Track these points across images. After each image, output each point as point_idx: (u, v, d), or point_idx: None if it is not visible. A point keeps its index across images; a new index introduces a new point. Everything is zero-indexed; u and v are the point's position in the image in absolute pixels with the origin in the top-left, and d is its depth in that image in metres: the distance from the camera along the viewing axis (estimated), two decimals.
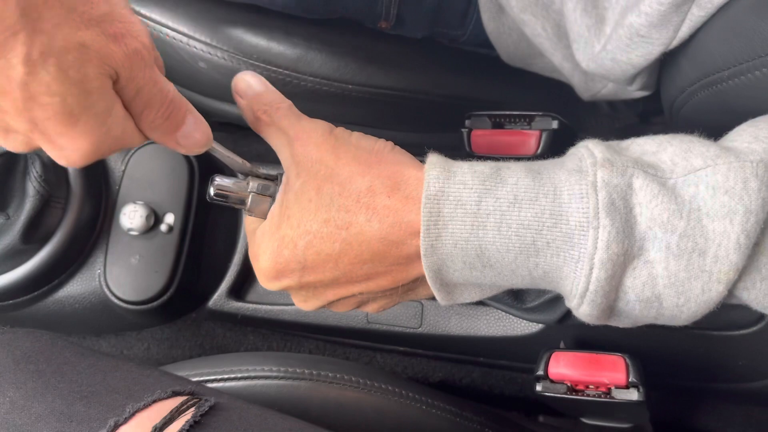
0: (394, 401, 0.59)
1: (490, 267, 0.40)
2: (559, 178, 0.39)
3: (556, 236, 0.38)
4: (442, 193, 0.39)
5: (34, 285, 0.68)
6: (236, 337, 0.78)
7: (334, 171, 0.41)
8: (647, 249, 0.37)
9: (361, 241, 0.41)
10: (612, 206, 0.37)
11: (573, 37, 0.55)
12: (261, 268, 0.43)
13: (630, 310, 0.40)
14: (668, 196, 0.37)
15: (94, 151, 0.36)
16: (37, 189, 0.63)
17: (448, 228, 0.39)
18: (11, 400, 0.42)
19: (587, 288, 0.38)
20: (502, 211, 0.38)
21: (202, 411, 0.43)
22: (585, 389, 0.56)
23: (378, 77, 0.71)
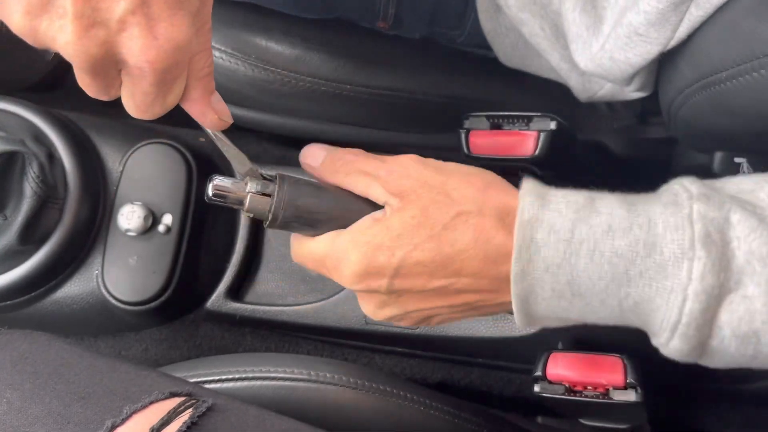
0: (392, 402, 0.58)
1: (580, 296, 0.40)
2: (654, 210, 0.39)
3: (650, 266, 0.38)
4: (536, 219, 0.39)
5: (32, 286, 0.68)
6: (234, 338, 0.78)
7: (441, 194, 0.41)
8: (745, 283, 0.37)
9: (463, 258, 0.41)
10: (708, 238, 0.37)
11: (571, 38, 0.55)
12: (350, 269, 0.42)
13: (725, 348, 0.39)
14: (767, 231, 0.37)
15: (182, 47, 0.36)
16: (35, 190, 0.63)
17: (540, 253, 0.39)
18: (8, 402, 0.42)
19: (679, 320, 0.38)
20: (596, 240, 0.39)
21: (200, 412, 0.43)
22: (583, 390, 0.56)
23: (376, 78, 0.71)
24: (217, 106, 0.41)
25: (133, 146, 0.72)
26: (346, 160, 0.44)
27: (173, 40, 0.35)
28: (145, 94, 0.38)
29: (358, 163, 0.44)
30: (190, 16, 0.36)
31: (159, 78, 0.36)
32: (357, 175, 0.43)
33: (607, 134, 0.79)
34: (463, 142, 0.62)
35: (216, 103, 0.41)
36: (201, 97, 0.40)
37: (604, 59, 0.53)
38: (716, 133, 0.59)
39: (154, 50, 0.35)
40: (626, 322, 0.41)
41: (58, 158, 0.67)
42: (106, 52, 0.35)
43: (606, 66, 0.53)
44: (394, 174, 0.43)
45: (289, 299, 0.74)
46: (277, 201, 0.43)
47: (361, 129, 0.77)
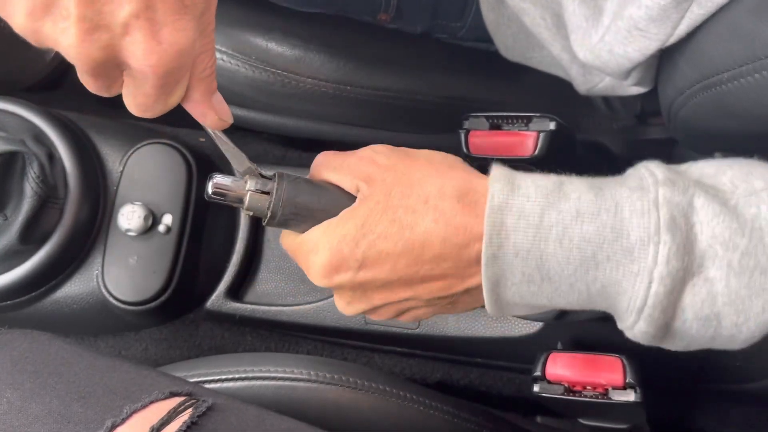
0: (392, 402, 0.59)
1: (549, 280, 0.41)
2: (620, 194, 0.40)
3: (617, 250, 0.39)
4: (505, 204, 0.40)
5: (32, 286, 0.68)
6: (234, 338, 0.78)
7: (405, 176, 0.42)
8: (707, 267, 0.38)
9: (424, 241, 0.41)
10: (673, 223, 0.38)
11: (571, 28, 0.56)
12: (317, 262, 0.43)
13: (687, 330, 0.40)
14: (730, 216, 0.38)
15: (186, 51, 0.36)
16: (35, 190, 0.63)
17: (510, 239, 0.40)
18: (8, 401, 0.42)
19: (645, 302, 0.39)
20: (565, 225, 0.39)
21: (200, 412, 0.43)
22: (582, 390, 0.56)
23: (376, 78, 0.71)
24: (218, 107, 0.42)
25: (134, 146, 0.72)
26: (326, 156, 0.46)
27: (177, 44, 0.35)
28: (146, 96, 0.38)
29: (333, 159, 0.45)
30: (194, 20, 0.36)
31: (161, 81, 0.37)
32: (330, 171, 0.45)
33: (606, 134, 0.79)
34: (463, 142, 0.62)
35: (217, 103, 0.42)
36: (202, 98, 0.41)
37: (602, 52, 0.53)
38: (716, 134, 0.59)
39: (157, 55, 0.35)
40: (593, 306, 0.42)
41: (58, 158, 0.67)
42: (108, 56, 0.35)
43: (604, 58, 0.53)
44: (363, 161, 0.44)
45: (289, 299, 0.74)
46: (276, 199, 0.43)
47: (361, 129, 0.77)
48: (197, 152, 0.75)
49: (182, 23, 0.35)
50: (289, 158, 0.89)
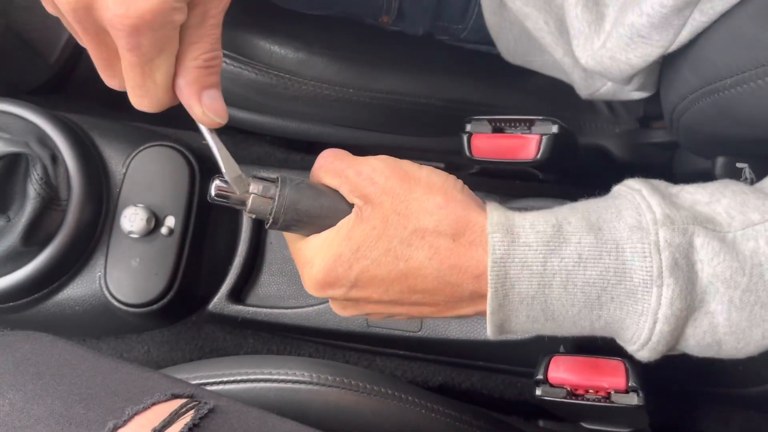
0: (393, 405, 0.59)
1: (553, 320, 0.42)
2: (620, 235, 0.40)
3: (620, 292, 0.40)
4: (507, 256, 0.40)
5: (35, 287, 0.68)
6: (236, 340, 0.78)
7: (402, 204, 0.42)
8: (708, 301, 0.39)
9: (417, 275, 0.42)
10: (675, 266, 0.39)
11: (573, 33, 0.56)
12: (312, 276, 0.44)
13: (688, 351, 0.42)
14: (729, 254, 0.39)
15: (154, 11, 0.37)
16: (38, 191, 0.63)
17: (515, 288, 0.40)
18: (11, 403, 0.42)
19: (650, 339, 0.40)
20: (568, 271, 0.40)
21: (201, 414, 0.43)
22: (585, 393, 0.56)
23: (379, 81, 0.71)
24: (210, 103, 0.42)
25: (136, 148, 0.72)
26: (326, 158, 0.45)
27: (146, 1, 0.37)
28: (132, 66, 0.39)
29: (334, 162, 0.45)
30: None
31: (133, 41, 0.38)
32: (330, 175, 0.44)
33: (608, 138, 0.79)
34: (465, 145, 0.62)
35: (209, 99, 0.42)
36: (189, 88, 0.41)
37: (604, 58, 0.53)
38: (719, 138, 0.59)
39: (125, 6, 0.37)
40: (595, 335, 0.43)
41: (61, 160, 0.67)
42: (87, 5, 0.37)
43: (606, 64, 0.54)
44: (361, 176, 0.43)
45: (291, 302, 0.74)
46: (279, 204, 0.43)
47: (363, 132, 0.77)
48: (200, 155, 0.75)
49: None
50: (292, 161, 0.89)
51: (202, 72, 0.42)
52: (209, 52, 0.41)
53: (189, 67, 0.41)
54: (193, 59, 0.41)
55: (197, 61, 0.41)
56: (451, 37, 0.73)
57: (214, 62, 0.42)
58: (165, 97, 0.42)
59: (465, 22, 0.71)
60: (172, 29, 0.39)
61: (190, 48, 0.41)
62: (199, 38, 0.41)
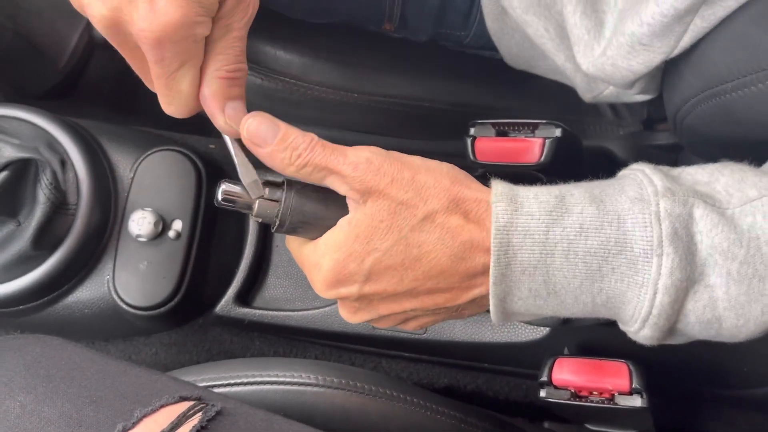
0: (398, 407, 0.59)
1: (555, 294, 0.42)
2: (622, 206, 0.40)
3: (621, 262, 0.40)
4: (510, 224, 0.41)
5: (45, 290, 0.69)
6: (243, 343, 0.79)
7: (406, 195, 0.42)
8: (708, 274, 0.39)
9: (431, 258, 0.42)
10: (675, 235, 0.39)
11: (573, 40, 0.56)
12: (322, 275, 0.44)
13: (689, 331, 0.42)
14: (728, 226, 0.39)
15: (177, 25, 0.39)
16: (48, 196, 0.64)
17: (517, 257, 0.41)
18: (21, 405, 0.43)
19: (650, 312, 0.40)
20: (570, 240, 0.40)
21: (209, 416, 0.43)
22: (589, 395, 0.56)
23: (383, 85, 0.71)
24: (234, 114, 0.44)
25: (144, 153, 0.73)
26: (300, 150, 0.42)
27: (168, 15, 0.39)
28: (158, 76, 0.41)
29: (315, 157, 0.42)
30: (195, 4, 0.39)
31: (157, 54, 0.40)
32: (317, 172, 0.43)
33: (612, 140, 0.80)
34: (469, 149, 0.63)
35: (232, 110, 0.44)
36: (211, 97, 0.43)
37: (606, 65, 0.54)
38: (722, 141, 0.59)
39: (149, 21, 0.39)
40: (596, 315, 0.43)
41: (70, 165, 0.68)
42: (116, 17, 0.39)
43: (608, 71, 0.54)
44: (359, 169, 0.42)
45: (297, 304, 0.74)
46: (285, 207, 0.44)
47: (367, 135, 0.77)
48: (207, 159, 0.75)
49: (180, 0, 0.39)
50: None
51: (225, 83, 0.43)
52: (232, 64, 0.43)
53: (212, 78, 0.43)
54: (216, 70, 0.43)
55: (220, 72, 0.43)
56: (455, 44, 0.73)
57: (237, 74, 0.43)
58: (191, 104, 0.44)
59: (467, 29, 0.71)
60: (194, 42, 0.41)
61: (214, 59, 0.42)
62: (222, 50, 0.42)
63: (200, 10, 0.40)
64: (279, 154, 0.42)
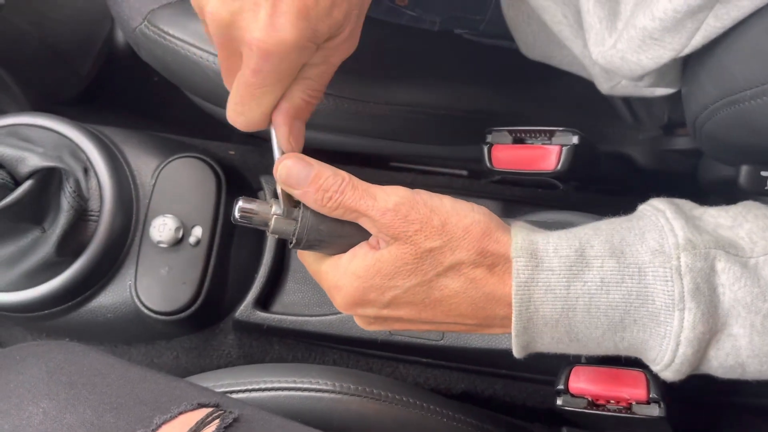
0: (415, 413, 0.59)
1: (577, 341, 0.43)
2: (642, 259, 0.41)
3: (643, 315, 0.41)
4: (531, 280, 0.41)
5: (69, 296, 0.70)
6: (262, 347, 0.80)
7: (434, 243, 0.42)
8: (731, 324, 0.40)
9: (451, 303, 0.43)
10: (697, 290, 0.39)
11: (586, 27, 0.55)
12: (342, 296, 0.45)
13: (713, 373, 0.43)
14: (751, 279, 0.39)
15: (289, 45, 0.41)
16: (72, 204, 0.65)
17: (539, 312, 0.42)
18: (44, 411, 0.44)
19: (673, 360, 0.41)
20: (591, 294, 0.41)
21: (226, 423, 0.44)
22: (606, 404, 0.56)
23: (398, 94, 0.71)
24: (297, 133, 0.46)
25: (165, 160, 0.74)
26: (330, 193, 0.43)
27: (285, 32, 0.40)
28: (247, 85, 0.43)
29: (345, 200, 0.43)
30: (310, 30, 0.41)
31: (260, 64, 0.41)
32: (348, 213, 0.43)
33: (631, 145, 0.79)
34: (486, 156, 0.63)
35: (297, 129, 0.46)
36: (287, 112, 0.45)
37: (615, 57, 0.53)
38: (741, 147, 0.58)
39: (265, 33, 0.40)
40: (619, 354, 0.44)
41: (93, 173, 0.69)
42: (233, 21, 0.41)
43: (617, 64, 0.53)
44: (387, 216, 0.42)
45: (315, 309, 0.75)
46: (301, 226, 0.44)
47: (386, 141, 0.77)
48: (227, 165, 0.76)
49: (298, 23, 0.40)
50: None
51: (304, 104, 0.45)
52: (317, 90, 0.46)
53: (296, 97, 0.45)
54: (302, 91, 0.45)
55: (305, 94, 0.45)
56: (470, 30, 0.72)
57: (316, 100, 0.46)
58: (261, 120, 0.45)
59: (483, 13, 0.70)
60: (296, 64, 0.43)
61: (305, 82, 0.45)
62: (315, 77, 0.45)
63: (313, 37, 0.41)
64: (311, 195, 0.43)
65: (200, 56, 0.69)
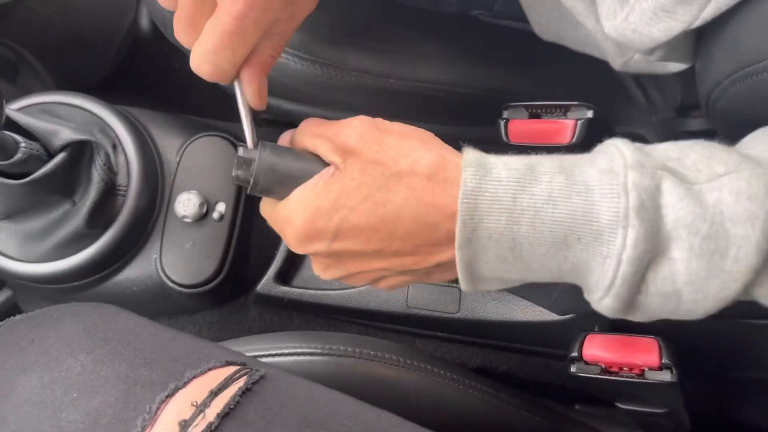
0: (432, 380, 0.61)
1: (521, 260, 0.42)
2: (591, 177, 0.40)
3: (587, 232, 0.40)
4: (478, 189, 0.41)
5: (97, 268, 0.72)
6: (282, 321, 0.81)
7: (378, 152, 0.44)
8: (671, 248, 0.39)
9: (396, 219, 0.43)
10: (642, 207, 0.39)
11: (599, 1, 0.56)
12: (293, 232, 0.45)
13: (649, 303, 0.42)
14: (693, 200, 0.39)
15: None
16: (102, 176, 0.67)
17: (483, 222, 0.41)
18: (82, 364, 0.46)
19: (613, 282, 0.40)
20: (537, 208, 0.40)
21: (254, 379, 0.46)
22: (619, 371, 0.57)
23: (419, 71, 0.72)
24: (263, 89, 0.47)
25: (189, 138, 0.76)
26: (304, 125, 0.48)
27: None
28: (225, 33, 0.43)
29: (314, 126, 0.47)
30: None
31: (244, 10, 0.42)
32: (311, 137, 0.46)
33: (645, 127, 0.80)
34: (502, 130, 0.64)
35: (263, 85, 0.47)
36: (255, 68, 0.46)
37: (627, 30, 0.53)
38: (756, 123, 0.59)
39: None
40: (562, 280, 0.43)
41: (121, 149, 0.71)
42: None
43: (628, 36, 0.54)
44: (340, 134, 0.45)
45: (334, 283, 0.77)
46: (258, 166, 0.45)
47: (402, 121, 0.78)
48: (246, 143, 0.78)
49: None
50: None
51: (270, 60, 0.47)
52: (281, 47, 0.47)
53: (265, 53, 0.46)
54: (271, 47, 0.46)
55: (272, 49, 0.46)
56: (486, 10, 0.73)
57: (278, 56, 0.47)
58: (230, 71, 0.46)
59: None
60: (277, 14, 0.44)
61: (273, 37, 0.46)
62: (282, 32, 0.46)
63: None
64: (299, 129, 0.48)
65: None
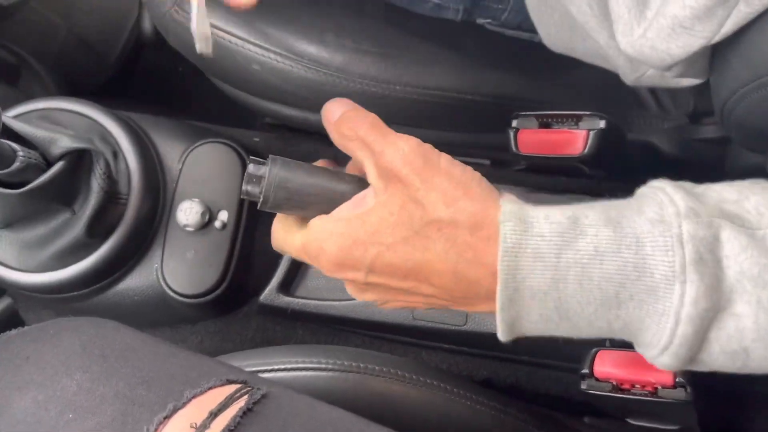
0: (439, 396, 0.59)
1: (567, 319, 0.40)
2: (641, 228, 0.38)
3: (640, 289, 0.37)
4: (519, 245, 0.38)
5: (97, 277, 0.71)
6: (286, 331, 0.80)
7: (419, 193, 0.41)
8: (735, 302, 0.37)
9: (432, 269, 0.41)
10: (700, 261, 0.36)
11: (614, 17, 0.54)
12: (326, 257, 0.43)
13: (713, 361, 0.39)
14: (758, 250, 0.36)
15: None
16: (101, 185, 0.66)
17: (526, 282, 0.38)
18: (78, 383, 0.44)
19: (671, 341, 0.38)
20: (583, 264, 0.37)
21: (255, 399, 0.45)
22: (630, 388, 0.56)
23: (425, 78, 0.72)
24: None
25: (191, 145, 0.75)
26: (354, 123, 0.43)
27: None
28: None
29: (362, 130, 0.43)
30: None
31: None
32: (357, 143, 0.43)
33: (657, 134, 0.79)
34: (512, 140, 0.63)
35: None
36: None
37: (644, 47, 0.52)
38: None
39: None
40: (612, 336, 0.41)
41: (121, 156, 0.70)
42: None
43: (646, 53, 0.52)
44: (385, 154, 0.42)
45: (338, 294, 0.75)
46: (268, 183, 0.43)
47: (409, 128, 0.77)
48: (251, 151, 0.77)
49: None
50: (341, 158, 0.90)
51: None
52: None
53: None
54: None
55: None
56: (493, 19, 0.72)
57: None
58: None
59: (505, 2, 0.70)
60: None
61: None
62: None
63: None
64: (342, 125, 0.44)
65: (229, 40, 0.70)
